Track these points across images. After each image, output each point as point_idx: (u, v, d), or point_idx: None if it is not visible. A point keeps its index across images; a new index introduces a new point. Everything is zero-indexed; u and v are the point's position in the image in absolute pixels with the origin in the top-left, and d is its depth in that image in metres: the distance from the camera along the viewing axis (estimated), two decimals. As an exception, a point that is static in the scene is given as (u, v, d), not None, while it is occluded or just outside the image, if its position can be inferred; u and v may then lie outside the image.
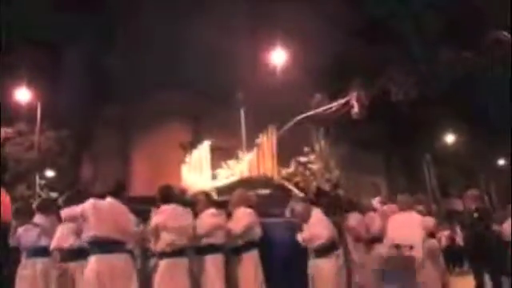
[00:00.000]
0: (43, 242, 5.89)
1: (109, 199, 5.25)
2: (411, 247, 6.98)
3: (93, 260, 4.98)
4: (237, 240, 6.18)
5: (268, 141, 7.94)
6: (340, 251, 6.60)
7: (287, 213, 6.77)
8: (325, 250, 6.30)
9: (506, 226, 11.00)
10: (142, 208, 5.89)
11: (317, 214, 6.53)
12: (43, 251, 5.82)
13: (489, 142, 26.21)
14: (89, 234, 5.07)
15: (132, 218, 5.35)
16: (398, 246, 7.01)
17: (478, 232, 9.19)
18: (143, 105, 17.13)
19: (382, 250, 8.27)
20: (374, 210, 8.95)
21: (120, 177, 14.80)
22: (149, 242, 5.69)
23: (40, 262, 5.84)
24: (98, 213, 5.09)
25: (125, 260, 5.13)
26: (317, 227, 6.36)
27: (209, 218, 6.10)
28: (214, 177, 8.59)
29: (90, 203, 5.15)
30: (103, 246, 5.01)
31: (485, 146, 25.63)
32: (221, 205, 6.60)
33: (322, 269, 6.24)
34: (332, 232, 6.46)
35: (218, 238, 6.08)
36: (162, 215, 5.62)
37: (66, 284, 5.51)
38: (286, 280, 6.59)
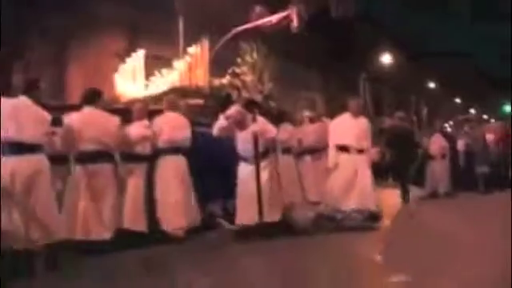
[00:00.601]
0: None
1: (20, 98, 4.91)
2: (360, 151, 7.09)
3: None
4: (161, 144, 6.27)
5: (201, 51, 7.84)
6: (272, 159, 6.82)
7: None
8: (265, 153, 6.50)
9: (432, 140, 11.95)
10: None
11: (260, 118, 6.65)
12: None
13: (421, 65, 27.17)
14: None
15: (43, 118, 4.96)
16: (345, 148, 7.07)
17: (397, 149, 10.05)
18: (79, 13, 16.26)
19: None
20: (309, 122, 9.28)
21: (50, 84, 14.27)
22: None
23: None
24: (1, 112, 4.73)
25: (31, 162, 4.81)
26: (265, 124, 6.58)
27: (139, 128, 6.15)
28: (147, 86, 8.50)
29: None
30: (9, 147, 4.72)
31: (417, 69, 26.56)
32: (153, 114, 6.63)
33: (265, 171, 6.40)
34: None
35: (145, 149, 6.17)
36: (74, 117, 5.53)
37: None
38: (214, 187, 6.86)
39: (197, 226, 6.32)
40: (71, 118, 5.49)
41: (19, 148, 4.75)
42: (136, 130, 6.18)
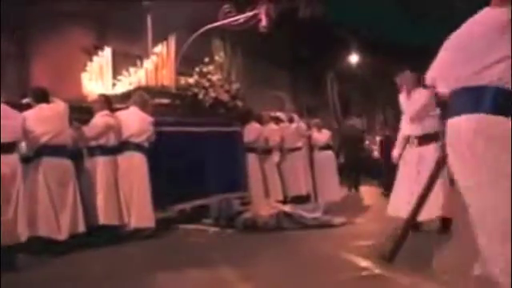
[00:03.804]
0: None
1: None
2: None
3: None
4: (127, 139, 6.32)
5: (167, 50, 7.85)
6: None
7: None
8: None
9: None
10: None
11: None
12: None
13: (387, 65, 27.63)
14: None
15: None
16: None
17: (347, 151, 11.92)
18: (44, 5, 15.93)
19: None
20: (276, 122, 9.49)
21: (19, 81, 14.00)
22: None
23: None
24: None
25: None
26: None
27: (100, 117, 6.16)
28: (114, 84, 8.46)
29: None
30: None
31: (384, 68, 26.96)
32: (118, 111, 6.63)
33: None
34: None
35: (109, 140, 6.17)
36: (27, 113, 5.50)
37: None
38: (179, 187, 6.89)
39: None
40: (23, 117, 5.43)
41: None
42: (98, 119, 6.20)
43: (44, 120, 5.53)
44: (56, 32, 15.58)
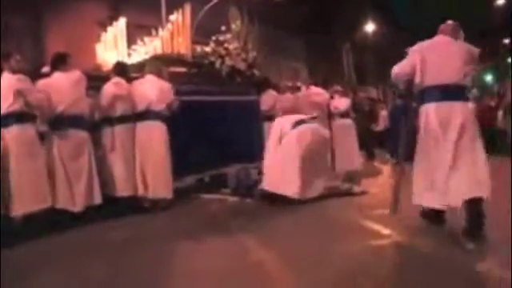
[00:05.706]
0: None
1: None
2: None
3: None
4: (146, 107, 6.23)
5: (183, 18, 7.70)
6: None
7: None
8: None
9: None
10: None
11: None
12: None
13: (405, 36, 27.24)
14: None
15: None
16: None
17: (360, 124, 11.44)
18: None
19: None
20: (291, 91, 9.38)
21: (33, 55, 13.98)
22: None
23: None
24: None
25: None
26: None
27: (110, 85, 6.08)
28: (129, 54, 8.37)
29: None
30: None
31: (401, 39, 26.52)
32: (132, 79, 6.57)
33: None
34: None
35: (116, 110, 6.10)
36: (43, 81, 5.50)
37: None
38: (196, 157, 6.87)
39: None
40: (39, 84, 5.44)
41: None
42: (108, 89, 6.12)
43: (58, 89, 5.45)
44: (71, 4, 15.49)
